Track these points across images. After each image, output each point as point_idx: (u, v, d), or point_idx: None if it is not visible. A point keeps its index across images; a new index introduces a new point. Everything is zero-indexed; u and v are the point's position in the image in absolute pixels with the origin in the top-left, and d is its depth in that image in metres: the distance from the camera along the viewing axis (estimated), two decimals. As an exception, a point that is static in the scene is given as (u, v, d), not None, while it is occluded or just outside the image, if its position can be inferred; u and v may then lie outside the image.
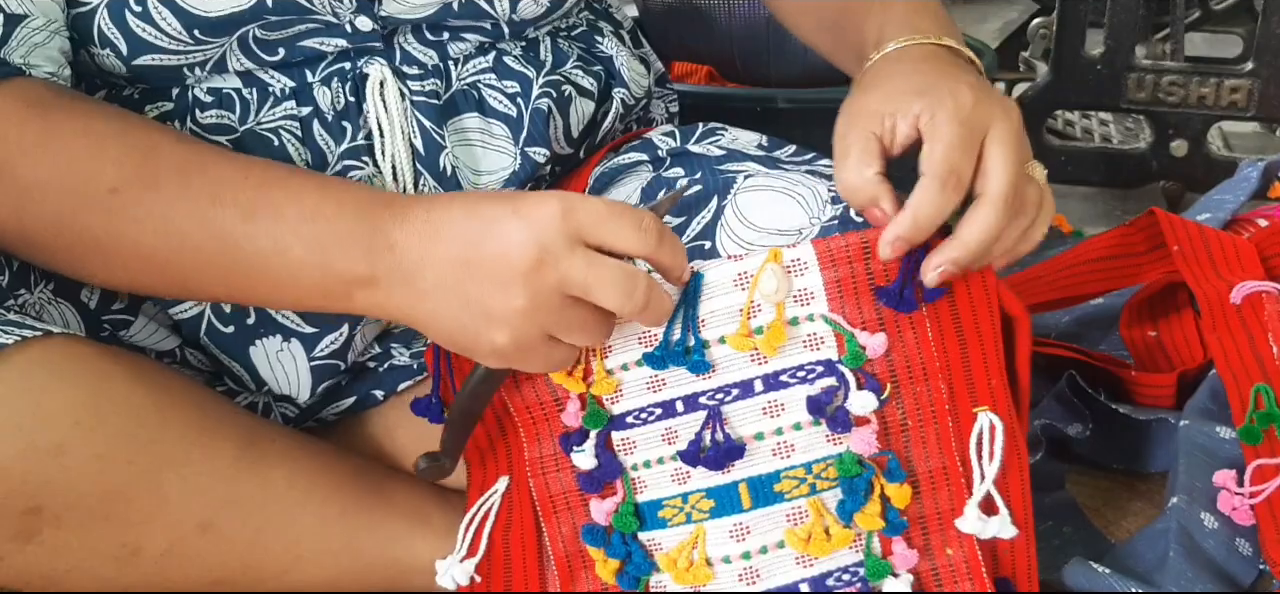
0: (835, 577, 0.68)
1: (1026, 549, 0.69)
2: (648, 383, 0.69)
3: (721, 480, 0.68)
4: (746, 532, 0.68)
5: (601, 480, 0.70)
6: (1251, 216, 1.10)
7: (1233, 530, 0.79)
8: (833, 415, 0.66)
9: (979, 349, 0.68)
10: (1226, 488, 0.80)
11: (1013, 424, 0.67)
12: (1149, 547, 0.80)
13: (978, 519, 0.66)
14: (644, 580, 0.70)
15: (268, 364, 0.78)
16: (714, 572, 0.68)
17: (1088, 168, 1.52)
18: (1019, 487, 0.68)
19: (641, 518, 0.69)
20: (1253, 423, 0.82)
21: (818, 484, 0.67)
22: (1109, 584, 0.75)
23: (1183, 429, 0.86)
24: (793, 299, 0.66)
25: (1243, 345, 0.87)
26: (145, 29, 0.72)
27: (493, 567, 0.74)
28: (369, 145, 0.78)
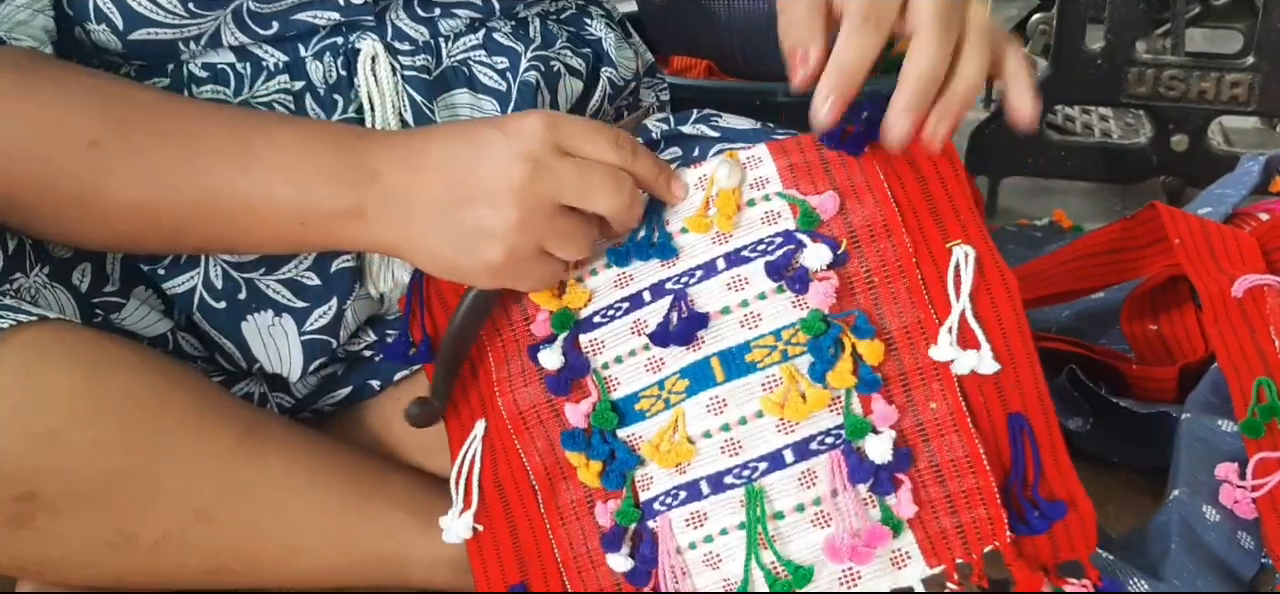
0: (817, 440, 0.69)
1: (1033, 381, 0.69)
2: (614, 281, 0.72)
3: (694, 357, 0.70)
4: (723, 405, 0.69)
5: (569, 380, 0.71)
6: (1253, 210, 1.10)
7: (1234, 524, 0.79)
8: (791, 276, 0.68)
9: (942, 190, 0.69)
10: (1228, 481, 0.80)
11: (992, 251, 0.68)
12: (1150, 540, 0.80)
13: (949, 347, 0.67)
14: (630, 475, 0.71)
15: (259, 340, 0.78)
16: (696, 447, 0.69)
17: (1088, 163, 1.51)
18: (1011, 314, 0.68)
19: (620, 414, 0.71)
20: (1255, 416, 0.82)
21: (789, 350, 0.69)
22: (1112, 570, 0.75)
23: (1184, 423, 0.86)
24: (749, 186, 0.70)
25: (1244, 339, 0.87)
26: (141, 3, 0.72)
27: (490, 511, 0.74)
28: (360, 119, 0.78)
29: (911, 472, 0.69)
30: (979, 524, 0.69)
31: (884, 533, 0.68)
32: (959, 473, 0.69)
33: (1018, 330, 0.68)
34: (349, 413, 0.86)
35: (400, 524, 0.78)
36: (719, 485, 0.70)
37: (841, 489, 0.68)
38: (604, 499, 0.71)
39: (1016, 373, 0.69)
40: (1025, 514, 0.69)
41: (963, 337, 0.68)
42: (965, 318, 0.68)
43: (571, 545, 0.73)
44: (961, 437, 0.68)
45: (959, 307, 0.68)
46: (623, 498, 0.71)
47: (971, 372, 0.68)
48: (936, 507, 0.69)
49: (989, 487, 0.68)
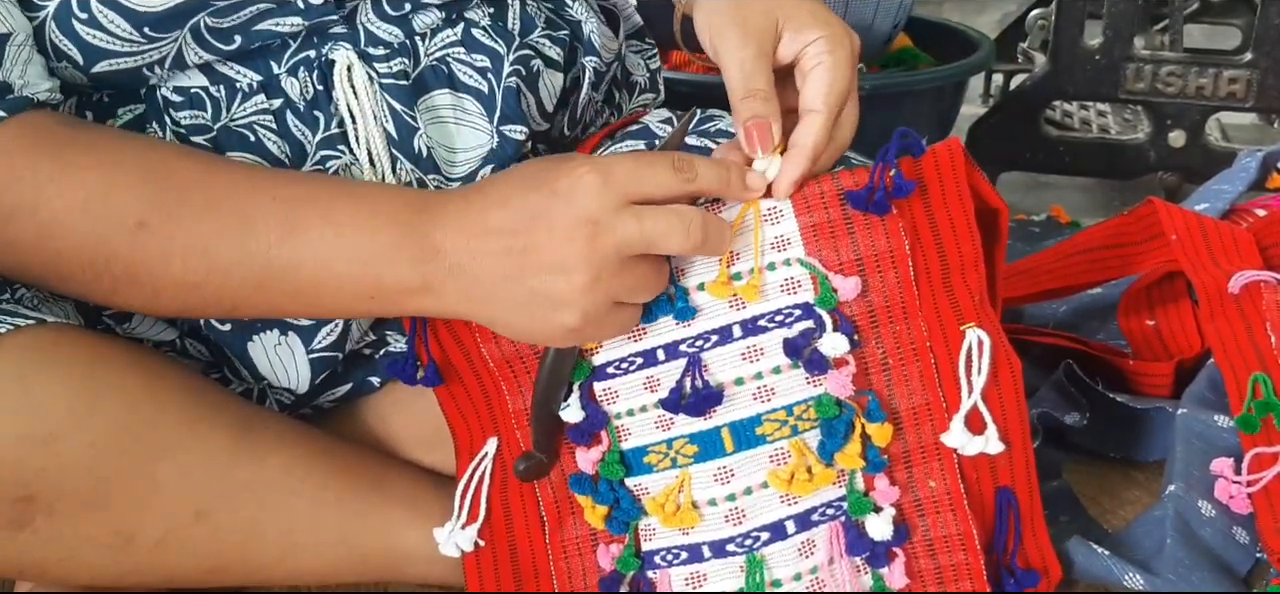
0: (819, 512, 0.70)
1: (1025, 459, 0.70)
2: (628, 333, 0.70)
3: (704, 426, 0.69)
4: (731, 474, 0.69)
5: (588, 431, 0.71)
6: (1249, 206, 1.10)
7: (1230, 519, 0.79)
8: (809, 358, 0.67)
9: (960, 266, 0.69)
10: (1224, 476, 0.80)
11: (1000, 336, 0.68)
12: (1146, 534, 0.80)
13: (962, 433, 0.68)
14: (633, 524, 0.71)
15: (266, 358, 0.78)
16: (701, 514, 0.70)
17: (1086, 159, 1.52)
18: (1013, 397, 0.69)
19: (627, 465, 0.71)
20: (1250, 412, 0.82)
21: (799, 425, 0.69)
22: (1107, 567, 0.75)
23: (1180, 418, 0.86)
24: (771, 246, 0.68)
25: (1240, 335, 0.87)
26: (94, 34, 0.69)
27: (494, 528, 0.74)
28: (343, 133, 0.77)
29: (906, 545, 0.70)
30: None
31: None
32: (950, 549, 0.70)
33: (1017, 411, 0.70)
34: (348, 409, 0.86)
35: (399, 521, 0.78)
36: (721, 551, 0.70)
37: (837, 558, 0.69)
38: (607, 542, 0.72)
39: (1011, 451, 0.70)
40: (1001, 581, 0.72)
41: (971, 420, 0.69)
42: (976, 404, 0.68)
43: (571, 580, 0.73)
44: (956, 516, 0.70)
45: (974, 398, 0.68)
46: (625, 545, 0.72)
47: (980, 454, 0.69)
48: (925, 578, 0.71)
49: (977, 564, 0.70)
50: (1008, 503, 0.71)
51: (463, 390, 0.75)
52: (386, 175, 0.77)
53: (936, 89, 1.44)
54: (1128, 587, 0.75)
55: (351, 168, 0.77)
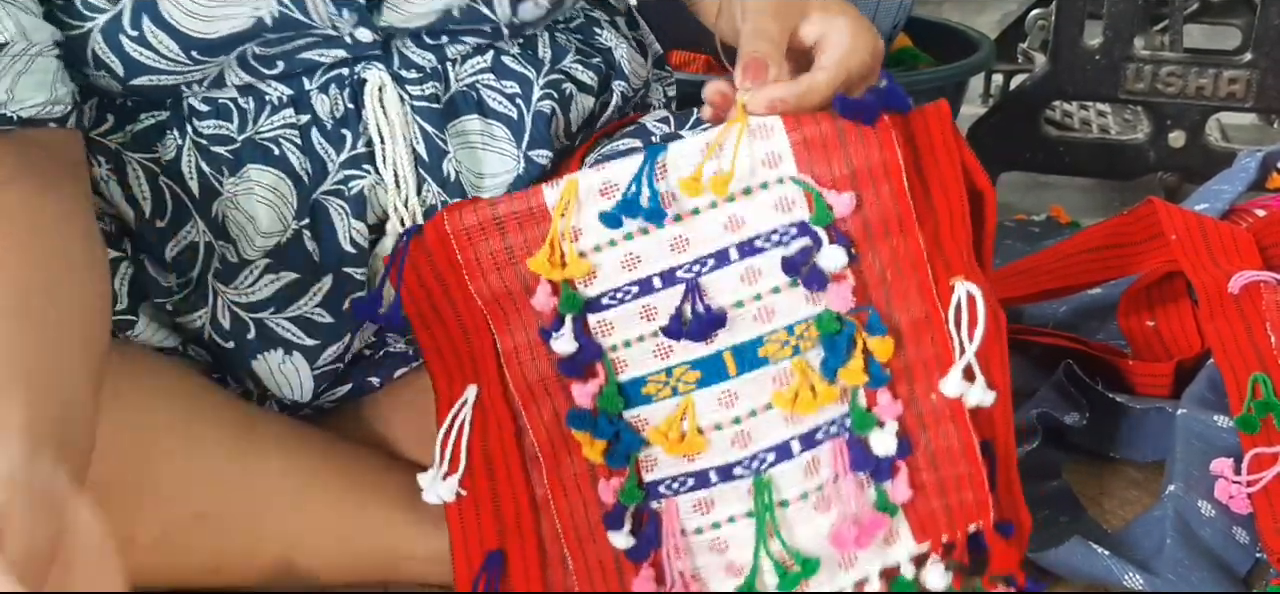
0: (823, 430, 0.70)
1: (1004, 412, 0.70)
2: (622, 262, 0.69)
3: (705, 351, 0.69)
4: (735, 398, 0.69)
5: (582, 364, 0.70)
6: (1249, 207, 1.10)
7: (1230, 519, 0.79)
8: (807, 274, 0.67)
9: (948, 216, 0.69)
10: (1224, 476, 0.80)
11: (989, 292, 0.68)
12: (1145, 534, 0.80)
13: (959, 383, 0.68)
14: (634, 456, 0.71)
15: (270, 374, 0.78)
16: (707, 439, 0.70)
17: (1085, 159, 1.52)
18: (997, 350, 0.69)
19: (625, 397, 0.70)
20: (1250, 412, 0.82)
21: (801, 344, 0.69)
22: (1107, 567, 0.75)
23: (1180, 418, 0.86)
24: (761, 163, 0.67)
25: (1240, 335, 0.87)
26: (141, 52, 0.70)
27: (475, 478, 0.73)
28: (370, 153, 0.77)
29: (909, 458, 0.70)
30: (965, 506, 0.71)
31: (882, 519, 0.70)
32: (952, 459, 0.71)
33: (1001, 363, 0.70)
34: (347, 409, 0.86)
35: (398, 521, 0.78)
36: (728, 475, 0.70)
37: (841, 474, 0.70)
38: (607, 476, 0.71)
39: (994, 406, 0.70)
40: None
41: (965, 370, 0.69)
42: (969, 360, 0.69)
43: (572, 516, 0.73)
44: (957, 426, 0.70)
45: (969, 351, 0.68)
46: (626, 477, 0.71)
47: (975, 405, 0.69)
48: (928, 490, 0.71)
49: (978, 473, 0.70)
50: (988, 455, 0.71)
51: (443, 332, 0.74)
52: (411, 198, 0.77)
53: (936, 89, 1.44)
54: (1127, 587, 0.75)
55: (377, 188, 0.77)
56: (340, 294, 0.77)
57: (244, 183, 0.75)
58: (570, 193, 0.69)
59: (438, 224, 0.71)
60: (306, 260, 0.77)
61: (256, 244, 0.76)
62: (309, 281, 0.77)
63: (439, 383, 0.75)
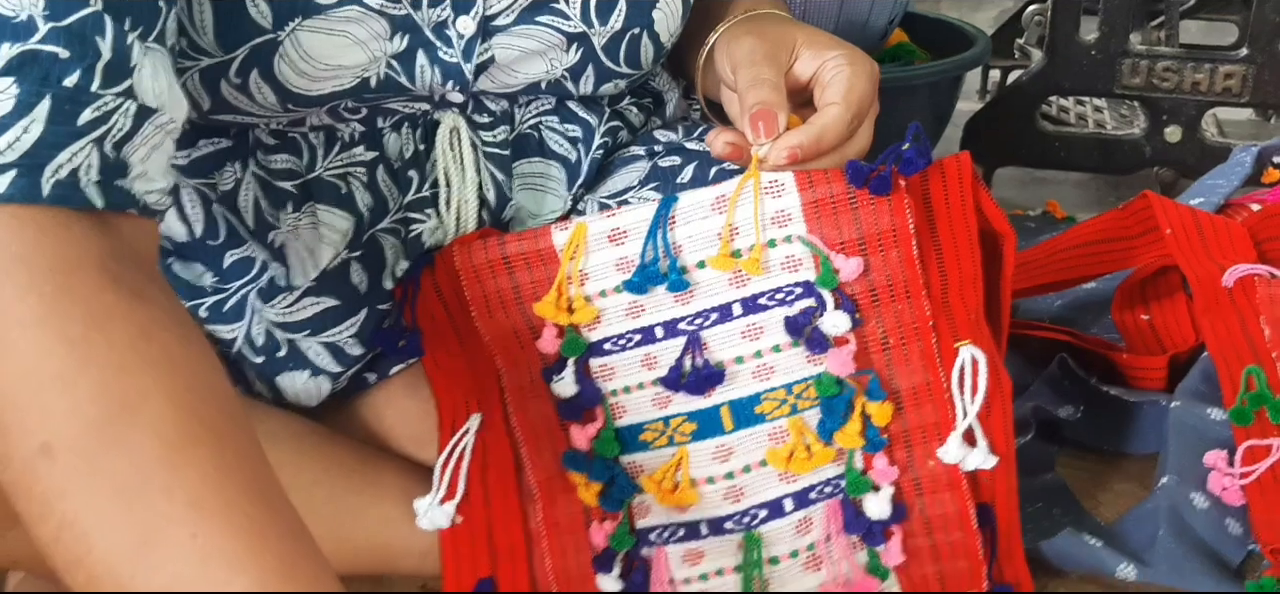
0: (817, 490, 0.70)
1: (1007, 477, 0.70)
2: (627, 309, 0.70)
3: (703, 404, 0.70)
4: (730, 453, 0.70)
5: (581, 408, 0.71)
6: (1244, 201, 1.10)
7: (1222, 511, 0.79)
8: (810, 336, 0.67)
9: (958, 278, 0.68)
10: (1217, 468, 0.80)
11: (994, 355, 0.68)
12: (1138, 526, 0.80)
13: (959, 448, 0.68)
14: (627, 502, 0.71)
15: (293, 391, 0.78)
16: (699, 493, 0.70)
17: (1081, 154, 1.51)
18: (1001, 416, 0.69)
19: (622, 442, 0.71)
20: (1244, 404, 0.82)
21: (798, 404, 0.69)
22: (1099, 558, 0.75)
23: (1174, 411, 0.86)
24: (772, 221, 0.67)
25: (1234, 328, 0.87)
26: (238, 97, 0.68)
27: (472, 507, 0.74)
28: (434, 195, 0.76)
29: (903, 525, 0.70)
30: (959, 573, 0.72)
31: (872, 582, 0.71)
32: (947, 527, 0.71)
33: (1004, 430, 0.70)
34: (342, 405, 0.86)
35: (393, 515, 0.78)
36: (718, 529, 0.71)
37: (834, 535, 0.69)
38: (600, 519, 0.72)
39: (995, 468, 0.70)
40: None
41: (965, 435, 0.69)
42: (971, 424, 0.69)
43: (563, 556, 0.73)
44: (954, 494, 0.70)
45: (971, 414, 0.68)
46: (619, 522, 0.72)
47: (975, 468, 0.69)
48: (922, 555, 0.71)
49: (973, 542, 0.71)
50: (989, 519, 0.72)
51: (449, 361, 0.74)
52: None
53: (933, 84, 1.44)
54: (1120, 577, 0.75)
55: (435, 232, 0.77)
56: (373, 326, 0.78)
57: (307, 217, 0.74)
58: (579, 237, 0.69)
59: (448, 259, 0.72)
60: (351, 291, 0.77)
61: (309, 273, 0.75)
62: (348, 312, 0.77)
63: (443, 409, 0.76)
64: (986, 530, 0.71)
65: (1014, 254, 0.71)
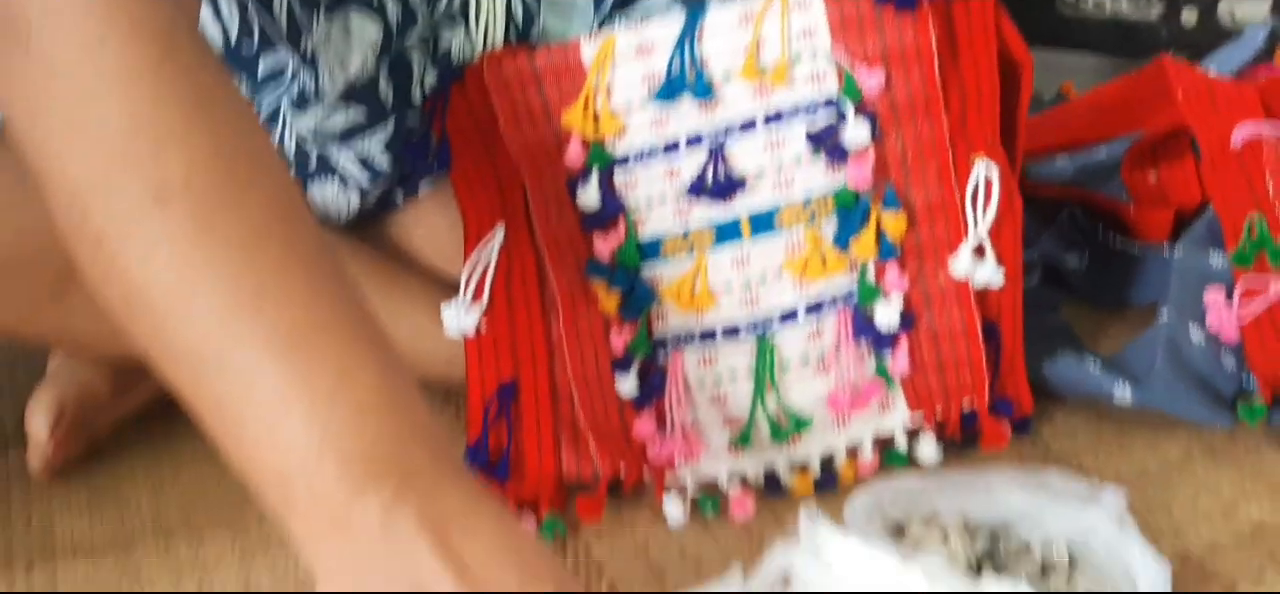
0: (829, 300, 0.73)
1: (1013, 296, 0.73)
2: (652, 122, 0.72)
3: (723, 214, 0.73)
4: (747, 261, 0.73)
5: (604, 219, 0.73)
6: (1254, 73, 1.12)
7: (1218, 347, 0.82)
8: (830, 148, 0.69)
9: (976, 96, 0.70)
10: (1215, 305, 0.82)
11: (1007, 173, 0.71)
12: (1136, 357, 0.82)
13: (969, 262, 0.71)
14: (646, 310, 0.74)
15: (322, 203, 0.81)
16: (717, 298, 0.73)
17: (1098, 38, 1.52)
18: (1010, 235, 0.72)
19: (643, 253, 0.73)
20: (1245, 249, 0.84)
21: (816, 214, 0.72)
22: (1097, 381, 0.78)
23: (1176, 258, 0.88)
24: (798, 35, 0.70)
25: (1240, 185, 0.89)
26: None
27: (495, 314, 0.77)
28: (464, 8, 0.78)
29: (910, 334, 0.73)
30: (962, 384, 0.75)
31: (878, 386, 0.74)
32: (953, 339, 0.74)
33: (1013, 249, 0.73)
34: (371, 226, 0.89)
35: (422, 324, 0.81)
36: (733, 334, 0.73)
37: (844, 343, 0.72)
38: (619, 327, 0.75)
39: (1001, 288, 0.73)
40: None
41: (976, 249, 0.72)
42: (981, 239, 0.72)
43: (583, 361, 0.76)
44: (962, 308, 0.73)
45: (983, 227, 0.71)
46: (637, 330, 0.74)
47: (984, 285, 0.72)
48: (927, 367, 0.74)
49: (978, 354, 0.74)
50: (992, 336, 0.75)
51: (476, 173, 0.77)
52: None
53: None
54: (1116, 398, 0.78)
55: (464, 46, 0.79)
56: (400, 140, 0.79)
57: (339, 22, 0.76)
58: (607, 50, 0.71)
59: (478, 74, 0.74)
60: (379, 103, 0.79)
61: (339, 82, 0.77)
62: (376, 122, 0.79)
63: (469, 221, 0.78)
64: (991, 346, 0.74)
65: (1031, 82, 0.73)
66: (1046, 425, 0.81)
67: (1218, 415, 0.79)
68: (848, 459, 0.76)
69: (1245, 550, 0.70)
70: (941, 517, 0.69)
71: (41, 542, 0.76)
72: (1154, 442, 0.79)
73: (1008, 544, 0.67)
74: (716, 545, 0.73)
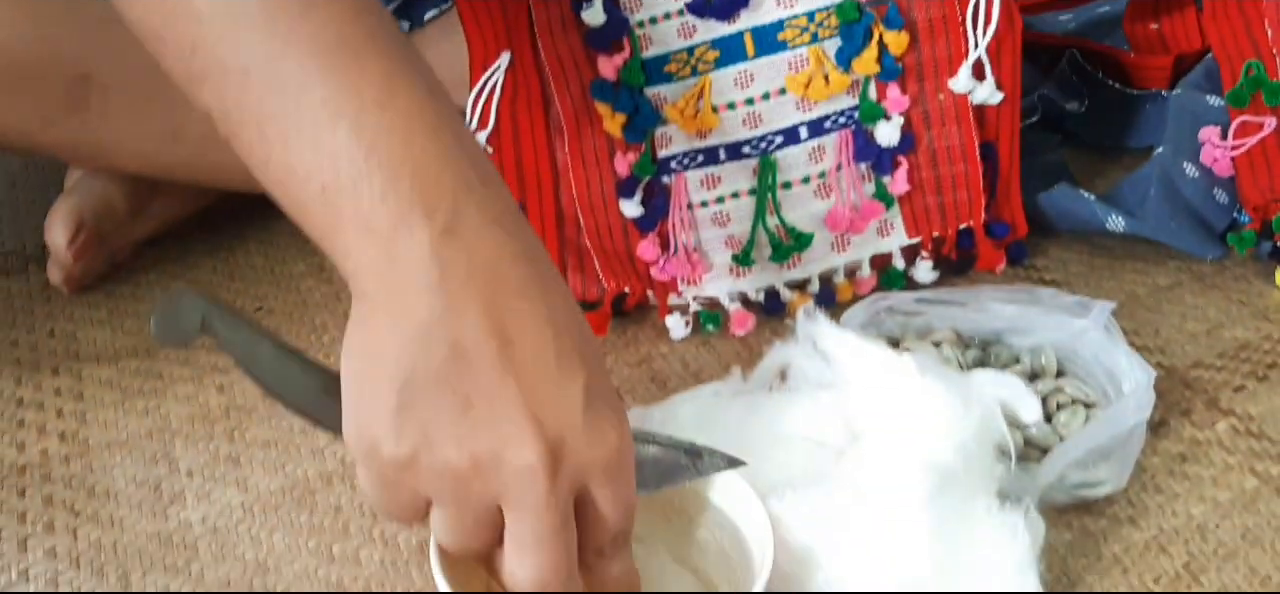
0: (831, 119, 0.74)
1: (1011, 118, 0.75)
2: None
3: (727, 31, 0.74)
4: (750, 79, 0.74)
5: (609, 37, 0.74)
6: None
7: (1211, 181, 0.83)
8: None
9: None
10: (1210, 142, 0.84)
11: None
12: (1131, 190, 0.84)
13: (968, 80, 0.72)
14: (650, 132, 0.75)
15: None
16: (720, 118, 0.74)
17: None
18: (1010, 54, 0.74)
19: (647, 73, 0.74)
20: (1241, 90, 0.85)
21: (819, 32, 0.73)
22: (1091, 210, 0.80)
23: (1173, 98, 0.90)
24: None
25: (1239, 30, 0.90)
26: None
27: (501, 138, 0.78)
28: None
29: (910, 155, 0.74)
30: (960, 205, 0.77)
31: (878, 207, 0.75)
32: (952, 159, 0.75)
33: (1012, 68, 0.74)
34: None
35: None
36: (736, 153, 0.75)
37: (845, 164, 0.74)
38: (624, 150, 0.76)
39: (1000, 106, 0.74)
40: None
41: (974, 68, 0.73)
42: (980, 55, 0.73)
43: (588, 185, 0.78)
44: (961, 127, 0.75)
45: (982, 45, 0.72)
46: (641, 152, 0.76)
47: (982, 103, 0.73)
48: (925, 187, 0.76)
49: (975, 173, 0.76)
50: (991, 157, 0.77)
51: (483, 4, 0.78)
52: None
53: None
54: (1109, 228, 0.80)
55: None
56: None
57: None
58: None
59: None
60: None
61: None
62: None
63: (474, 47, 0.79)
64: (988, 166, 0.76)
65: None
66: (1040, 257, 0.83)
67: (1208, 247, 0.81)
68: (846, 278, 0.78)
69: (1228, 368, 0.73)
70: (935, 330, 0.71)
71: (65, 348, 0.79)
72: (1145, 270, 0.81)
73: (998, 354, 0.70)
74: (717, 358, 0.75)
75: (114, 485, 0.67)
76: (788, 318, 0.77)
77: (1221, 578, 0.58)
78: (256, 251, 0.88)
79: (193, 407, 0.73)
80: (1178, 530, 0.61)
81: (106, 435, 0.71)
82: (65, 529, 0.65)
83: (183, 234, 0.89)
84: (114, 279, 0.85)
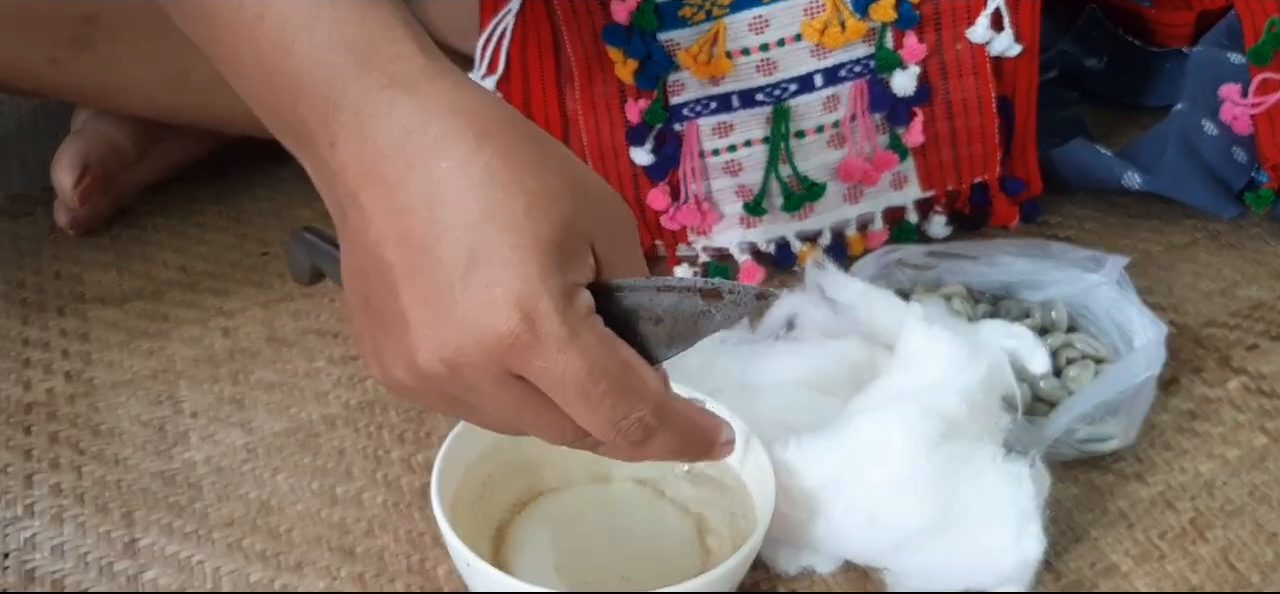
0: (846, 68, 0.73)
1: (1028, 71, 0.74)
2: None
3: None
4: (765, 24, 0.73)
5: None
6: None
7: (1230, 138, 0.82)
8: None
9: None
10: (1229, 99, 0.83)
11: None
12: (1149, 146, 0.83)
13: (986, 30, 0.71)
14: (663, 79, 0.74)
15: None
16: (733, 64, 0.73)
17: None
18: (1029, 8, 0.73)
19: (660, 17, 0.73)
20: (1264, 47, 0.84)
21: None
22: (1108, 166, 0.79)
23: (1194, 54, 0.88)
24: None
25: (1263, -13, 0.89)
26: None
27: (511, 83, 0.77)
28: None
29: (925, 107, 0.73)
30: (975, 159, 0.76)
31: (892, 158, 0.74)
32: (968, 111, 0.74)
33: (1031, 20, 0.73)
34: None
35: None
36: (749, 101, 0.74)
37: (860, 114, 0.73)
38: (635, 97, 0.75)
39: (1018, 59, 0.73)
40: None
41: (993, 19, 0.72)
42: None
43: (598, 133, 0.77)
44: (979, 79, 0.73)
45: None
46: (653, 99, 0.75)
47: (1000, 55, 0.72)
48: (940, 140, 0.75)
49: (991, 126, 0.75)
50: (1008, 112, 0.75)
51: None
52: None
53: None
54: (1125, 185, 0.79)
55: None
56: None
57: None
58: None
59: None
60: None
61: None
62: None
63: None
64: (1004, 120, 0.75)
65: None
66: (1054, 215, 0.83)
67: (1225, 205, 0.80)
68: (858, 231, 0.77)
69: (1242, 327, 0.72)
70: (945, 284, 0.71)
71: (71, 290, 0.79)
72: (1160, 229, 0.81)
73: (1009, 308, 0.69)
74: (726, 309, 0.75)
75: (119, 425, 0.67)
76: (797, 267, 0.76)
77: (1227, 534, 0.58)
78: (263, 196, 0.88)
79: (198, 349, 0.73)
80: (1185, 486, 0.61)
81: (111, 376, 0.71)
82: (70, 467, 0.65)
83: (190, 178, 0.89)
84: (120, 222, 0.85)
